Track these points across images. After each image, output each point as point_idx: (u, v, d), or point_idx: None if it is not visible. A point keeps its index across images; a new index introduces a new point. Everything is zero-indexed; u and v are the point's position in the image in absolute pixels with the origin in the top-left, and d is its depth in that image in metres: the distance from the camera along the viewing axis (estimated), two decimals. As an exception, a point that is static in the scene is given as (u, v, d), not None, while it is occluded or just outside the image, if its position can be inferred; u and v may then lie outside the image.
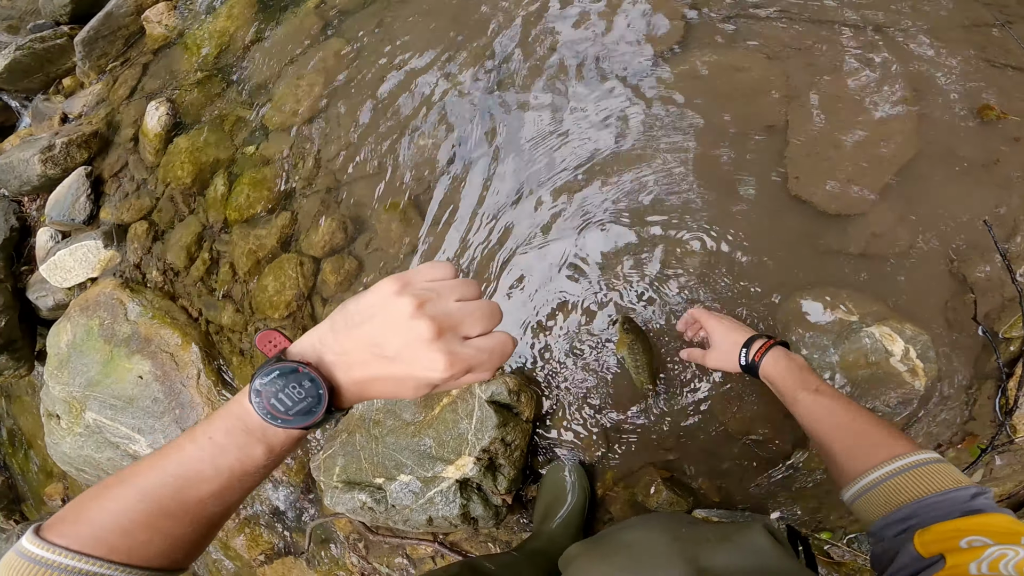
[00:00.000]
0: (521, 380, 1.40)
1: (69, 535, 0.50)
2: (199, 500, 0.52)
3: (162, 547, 0.52)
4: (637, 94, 1.54)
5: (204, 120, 2.15)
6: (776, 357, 0.98)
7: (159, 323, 1.87)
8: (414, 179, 1.69)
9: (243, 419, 0.52)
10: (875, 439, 0.80)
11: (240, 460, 0.53)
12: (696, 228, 1.39)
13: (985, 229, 1.26)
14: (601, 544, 0.82)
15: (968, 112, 1.36)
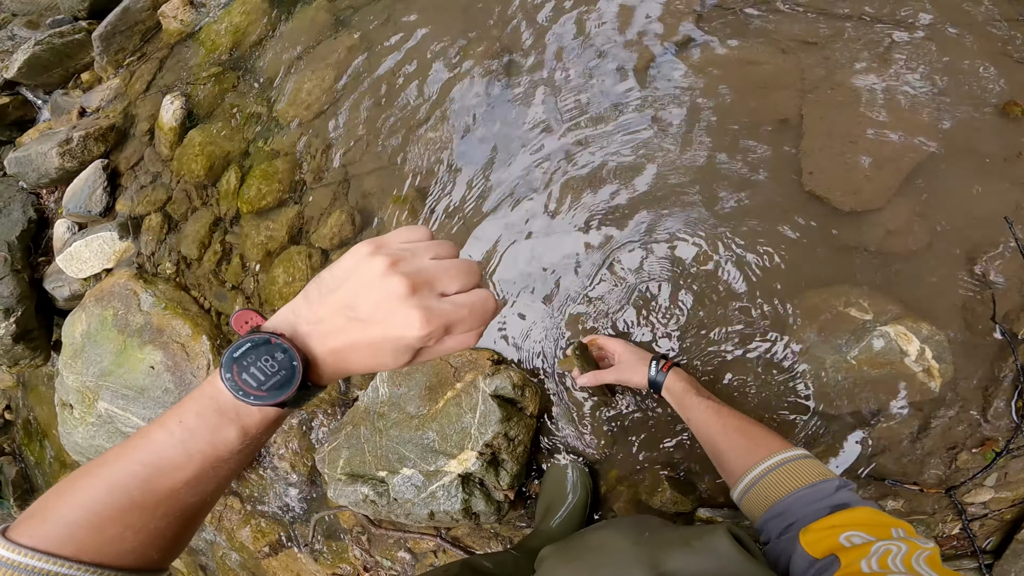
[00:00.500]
0: (526, 375, 1.39)
1: (36, 534, 0.46)
2: (171, 490, 0.49)
3: (134, 543, 0.49)
4: (648, 88, 1.52)
5: (217, 114, 2.17)
6: (677, 373, 1.13)
7: (171, 314, 1.89)
8: (422, 172, 1.68)
9: (215, 399, 0.49)
10: (755, 440, 0.90)
11: (212, 444, 0.49)
12: (708, 224, 1.37)
13: (1006, 226, 1.22)
14: (570, 546, 0.83)
15: (989, 108, 1.32)
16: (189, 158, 2.10)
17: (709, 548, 0.70)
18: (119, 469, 0.49)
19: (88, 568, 0.46)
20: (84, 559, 0.46)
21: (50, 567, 0.45)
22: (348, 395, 1.64)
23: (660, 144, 1.46)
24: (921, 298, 1.22)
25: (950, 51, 1.38)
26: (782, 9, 1.51)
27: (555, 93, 1.60)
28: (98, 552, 0.47)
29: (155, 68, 2.49)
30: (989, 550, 1.27)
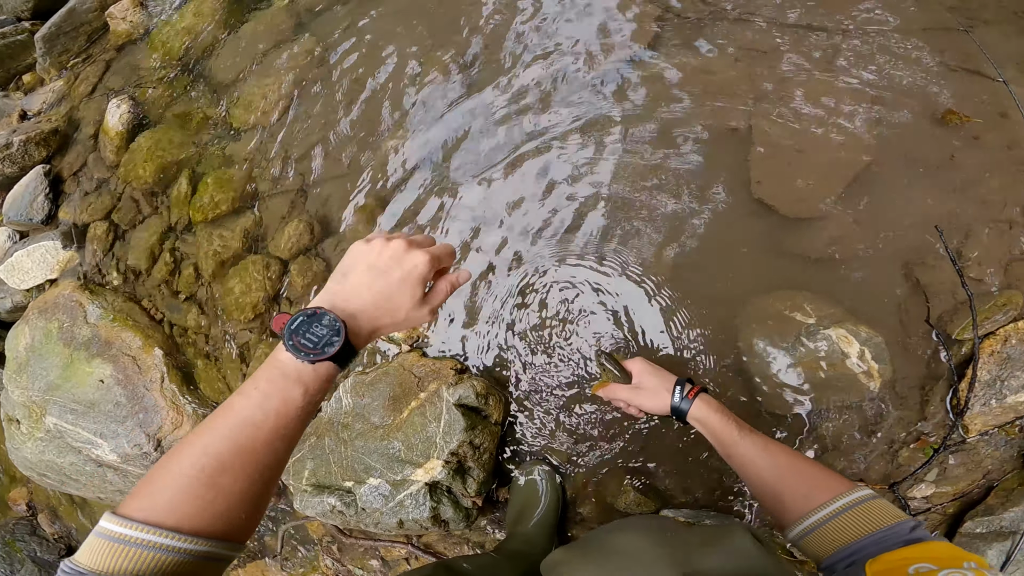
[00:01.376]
0: (489, 383, 1.40)
1: (145, 507, 0.54)
2: (252, 450, 0.58)
3: (224, 506, 0.56)
4: (606, 97, 1.55)
5: (168, 118, 2.11)
6: (707, 401, 1.01)
7: (120, 326, 1.82)
8: (383, 180, 1.67)
9: (281, 366, 0.62)
10: (814, 480, 0.83)
11: (284, 402, 0.60)
12: (660, 231, 1.40)
13: (936, 232, 1.30)
14: (588, 550, 0.82)
15: (928, 116, 1.40)
16: (137, 164, 2.03)
17: (733, 547, 0.72)
18: (208, 437, 0.58)
19: (187, 538, 0.54)
20: (184, 528, 0.54)
21: (158, 539, 0.53)
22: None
23: (615, 152, 1.49)
24: (860, 302, 1.28)
25: (892, 60, 1.46)
26: (736, 19, 1.57)
27: (515, 100, 1.62)
28: (195, 518, 0.55)
29: (101, 70, 2.40)
30: None
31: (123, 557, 0.52)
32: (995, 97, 1.39)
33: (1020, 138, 1.35)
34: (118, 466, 1.76)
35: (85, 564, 0.52)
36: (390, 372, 1.44)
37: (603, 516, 1.40)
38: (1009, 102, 1.37)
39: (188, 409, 1.72)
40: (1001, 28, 1.52)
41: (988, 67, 1.42)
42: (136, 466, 1.73)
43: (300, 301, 1.66)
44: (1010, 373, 1.22)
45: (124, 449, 1.71)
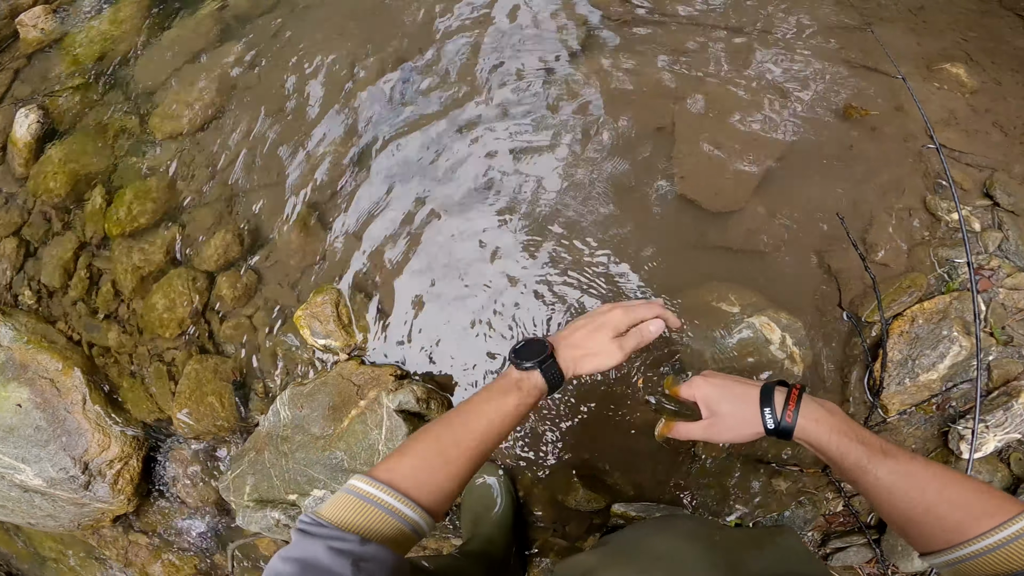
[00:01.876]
0: (431, 388, 1.40)
1: (395, 474, 0.68)
2: (467, 444, 0.72)
3: (441, 479, 0.70)
4: (536, 101, 1.58)
5: (81, 128, 2.00)
6: (815, 412, 0.78)
7: (35, 348, 1.71)
8: (314, 189, 1.64)
9: (505, 377, 0.80)
10: (970, 508, 0.69)
11: (498, 405, 0.76)
12: (592, 228, 1.44)
13: (849, 218, 1.38)
14: (626, 555, 0.78)
15: (831, 111, 1.50)
16: (47, 176, 1.91)
17: (782, 548, 0.70)
18: (442, 425, 0.74)
19: (412, 505, 0.66)
20: (411, 494, 0.67)
21: (397, 504, 0.66)
22: (248, 421, 1.56)
23: (549, 153, 1.52)
24: (780, 290, 1.36)
25: (800, 59, 1.56)
26: (658, 22, 1.64)
27: (450, 104, 1.63)
28: (420, 487, 0.68)
29: (9, 79, 2.26)
30: (873, 525, 1.32)
31: (365, 515, 0.64)
32: (892, 92, 1.51)
33: (915, 131, 1.47)
34: (45, 491, 1.66)
35: (327, 517, 0.63)
36: (328, 382, 1.41)
37: (556, 515, 1.41)
38: (905, 96, 1.48)
39: (115, 430, 1.63)
40: (898, 25, 1.66)
41: (886, 63, 1.53)
42: (65, 490, 1.63)
43: (230, 315, 1.60)
44: (920, 352, 1.29)
45: (49, 473, 1.62)
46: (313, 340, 1.46)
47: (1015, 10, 1.75)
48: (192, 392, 1.55)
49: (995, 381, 1.30)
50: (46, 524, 1.77)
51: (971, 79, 1.57)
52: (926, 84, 1.55)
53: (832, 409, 0.79)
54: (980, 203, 1.42)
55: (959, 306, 1.31)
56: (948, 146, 1.45)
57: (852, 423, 0.78)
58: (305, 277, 1.57)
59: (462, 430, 0.73)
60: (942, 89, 1.55)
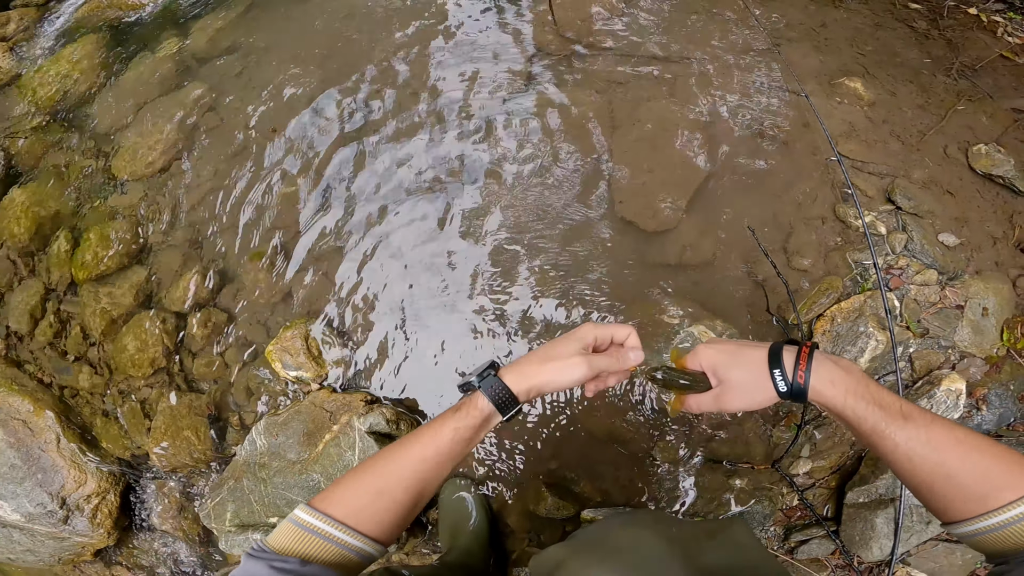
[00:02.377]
0: (399, 410, 1.48)
1: (331, 502, 0.69)
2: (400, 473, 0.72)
3: (385, 514, 0.70)
4: (482, 134, 1.69)
5: (42, 170, 2.01)
6: (829, 372, 0.73)
7: (6, 391, 1.74)
8: (279, 227, 1.71)
9: (454, 406, 0.77)
10: (996, 477, 0.66)
11: (433, 432, 0.74)
12: (539, 253, 1.55)
13: (771, 229, 1.51)
14: (592, 547, 0.79)
15: (747, 129, 1.62)
16: (11, 220, 1.92)
17: (733, 540, 0.74)
18: (380, 455, 0.74)
19: (349, 532, 0.68)
20: (348, 522, 0.68)
21: (342, 535, 0.67)
22: (225, 452, 1.62)
23: (497, 186, 1.63)
24: (714, 299, 1.48)
25: (722, 83, 1.68)
26: (597, 53, 1.76)
27: (404, 137, 1.72)
28: (357, 515, 0.69)
29: (-32, 119, 2.23)
30: (830, 517, 1.36)
31: (306, 543, 0.66)
32: (800, 109, 1.65)
33: (821, 145, 1.61)
34: (24, 526, 1.69)
35: (272, 545, 0.67)
36: (302, 410, 1.49)
37: (529, 524, 1.45)
38: (811, 114, 1.61)
39: (91, 467, 1.67)
40: (803, 44, 1.79)
41: (792, 82, 1.67)
42: (44, 525, 1.66)
43: (201, 353, 1.66)
44: (842, 348, 1.38)
45: (27, 509, 1.65)
46: (285, 372, 1.53)
47: (907, 22, 1.90)
48: (168, 427, 1.60)
49: (918, 371, 1.39)
50: (26, 559, 1.78)
51: (868, 92, 1.70)
52: (828, 100, 1.69)
53: (848, 368, 0.73)
54: (884, 208, 1.54)
55: (873, 304, 1.41)
56: (850, 157, 1.59)
57: (869, 383, 0.72)
58: (275, 314, 1.63)
59: (396, 459, 0.73)
60: (843, 103, 1.68)
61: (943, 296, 1.47)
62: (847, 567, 1.34)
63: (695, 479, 1.39)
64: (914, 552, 1.34)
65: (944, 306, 1.46)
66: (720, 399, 0.80)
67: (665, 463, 1.41)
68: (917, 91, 1.74)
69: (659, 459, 1.41)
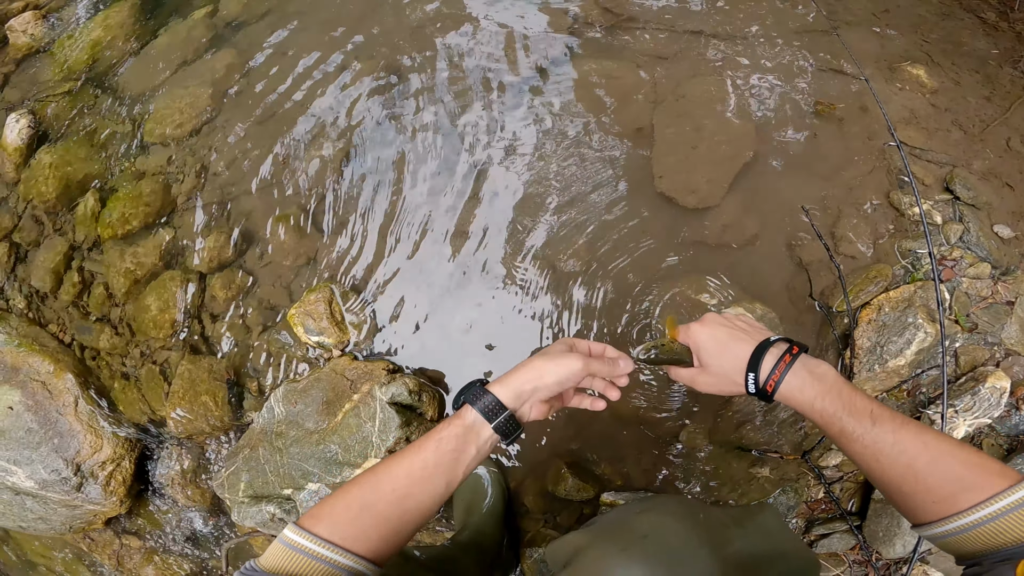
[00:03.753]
0: (422, 380, 1.44)
1: (317, 520, 0.69)
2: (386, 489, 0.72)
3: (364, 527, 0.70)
4: (522, 104, 1.64)
5: (72, 133, 2.01)
6: (801, 380, 0.77)
7: (27, 351, 1.73)
8: (307, 191, 1.69)
9: (446, 420, 0.78)
10: (962, 480, 0.67)
11: (418, 446, 0.75)
12: (575, 226, 1.50)
13: (817, 213, 1.45)
14: (614, 534, 0.75)
15: (800, 111, 1.56)
16: (38, 181, 1.92)
17: (762, 527, 0.71)
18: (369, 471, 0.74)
19: (336, 550, 0.67)
20: (334, 540, 0.67)
21: (327, 553, 0.67)
22: (242, 419, 1.59)
23: (534, 154, 1.58)
24: (753, 281, 1.42)
25: (772, 62, 1.63)
26: (640, 27, 1.70)
27: (438, 107, 1.68)
28: (343, 532, 0.68)
29: (-2, 85, 2.27)
30: (854, 511, 1.35)
31: (295, 562, 0.66)
32: (856, 93, 1.59)
33: (878, 129, 1.54)
34: (37, 493, 1.67)
35: (263, 566, 0.67)
36: (322, 378, 1.45)
37: (546, 505, 1.43)
38: (868, 97, 1.55)
39: (107, 431, 1.65)
40: (862, 29, 1.73)
41: (851, 65, 1.60)
42: (57, 492, 1.64)
43: (223, 316, 1.63)
44: (887, 339, 1.33)
45: (41, 475, 1.63)
46: (307, 337, 1.50)
47: (975, 12, 1.84)
48: (186, 392, 1.57)
49: (962, 367, 1.34)
50: (37, 527, 1.77)
51: (931, 79, 1.65)
52: (888, 85, 1.63)
53: (822, 375, 0.77)
54: (941, 197, 1.48)
55: (923, 295, 1.36)
56: (909, 144, 1.53)
57: (843, 387, 0.76)
58: (298, 277, 1.60)
59: (380, 473, 0.73)
60: (903, 89, 1.63)
61: (994, 291, 1.41)
62: (865, 563, 1.32)
63: (719, 466, 1.36)
64: (935, 551, 1.31)
65: (995, 301, 1.40)
66: (695, 379, 0.87)
67: (690, 448, 1.37)
68: (982, 81, 1.68)
69: (684, 444, 1.37)
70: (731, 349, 0.82)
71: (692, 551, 0.67)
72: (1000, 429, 1.34)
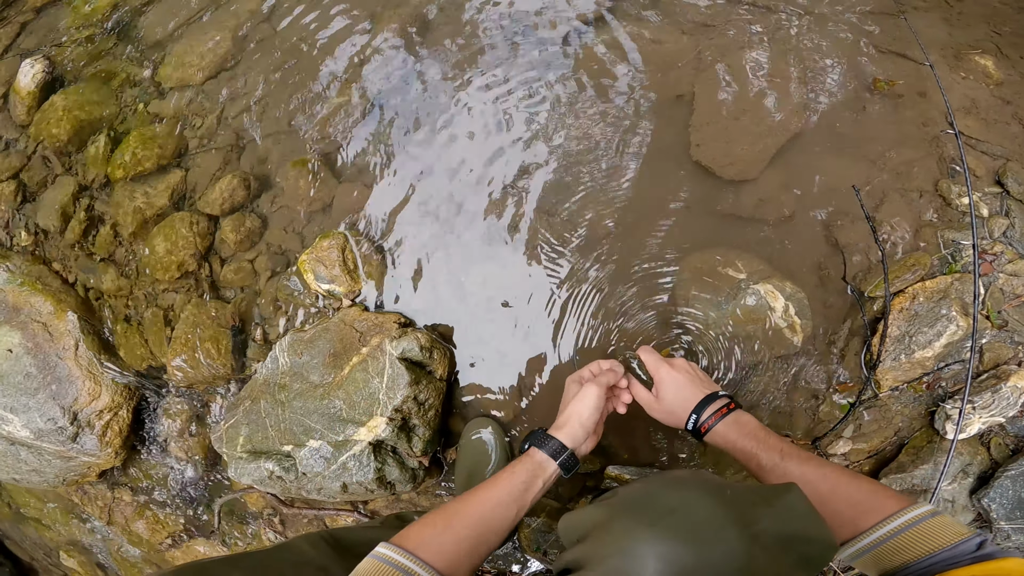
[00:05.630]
0: (434, 336, 1.39)
1: (430, 551, 0.80)
2: (467, 511, 0.88)
3: (445, 543, 0.82)
4: (557, 61, 1.58)
5: (88, 78, 1.97)
6: (728, 428, 0.97)
7: (29, 290, 1.68)
8: (326, 138, 1.63)
9: (519, 459, 0.98)
10: (861, 505, 0.80)
11: (495, 476, 0.93)
12: (605, 188, 1.45)
13: (854, 196, 1.39)
14: (638, 508, 0.73)
15: (852, 91, 1.50)
16: (50, 123, 1.88)
17: (789, 507, 0.69)
18: (458, 501, 0.89)
19: (426, 567, 0.77)
20: (429, 561, 0.78)
21: (424, 572, 0.77)
22: (244, 370, 1.54)
23: (564, 115, 1.52)
24: (786, 259, 1.36)
25: (829, 39, 1.56)
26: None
27: (470, 65, 1.62)
28: (437, 555, 0.79)
29: (15, 32, 2.23)
30: None
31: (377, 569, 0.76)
32: (917, 78, 1.52)
33: (935, 116, 1.48)
34: (32, 443, 1.63)
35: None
36: (330, 328, 1.40)
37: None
38: (928, 84, 1.50)
39: (106, 378, 1.60)
40: (932, 15, 1.66)
41: (914, 50, 1.54)
42: (52, 442, 1.60)
43: (231, 259, 1.59)
44: (917, 329, 1.30)
45: (37, 424, 1.58)
46: (317, 285, 1.44)
47: None
48: (188, 338, 1.53)
49: (985, 364, 1.33)
50: (31, 480, 1.73)
51: (998, 71, 1.58)
52: (952, 73, 1.56)
53: (744, 423, 0.97)
54: (990, 190, 1.43)
55: (960, 287, 1.33)
56: (966, 133, 1.47)
57: (758, 432, 0.95)
58: (311, 223, 1.55)
59: (467, 500, 0.88)
60: (967, 79, 1.56)
61: (1029, 289, 1.37)
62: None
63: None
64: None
65: (1027, 300, 1.36)
66: (649, 406, 1.08)
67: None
68: (1051, 79, 1.61)
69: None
70: (684, 392, 1.03)
71: (721, 530, 0.65)
72: (1010, 429, 1.33)
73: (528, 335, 1.40)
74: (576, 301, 1.40)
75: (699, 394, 1.02)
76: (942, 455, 1.27)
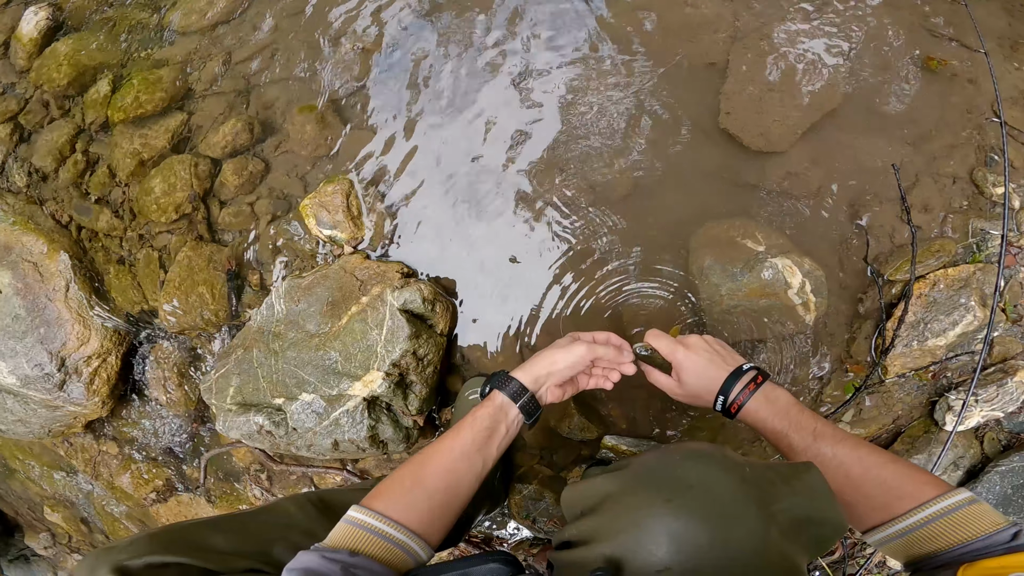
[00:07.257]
0: (437, 290, 1.34)
1: (374, 497, 0.80)
2: (431, 460, 0.85)
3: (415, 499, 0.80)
4: (586, 18, 1.52)
5: (92, 25, 1.93)
6: (759, 405, 0.91)
7: (21, 229, 1.63)
8: (334, 85, 1.58)
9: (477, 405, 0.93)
10: (897, 489, 0.77)
11: (456, 425, 0.89)
12: (626, 151, 1.40)
13: (887, 179, 1.35)
14: (653, 481, 0.70)
15: (898, 72, 1.46)
16: (51, 68, 1.84)
17: (808, 487, 0.68)
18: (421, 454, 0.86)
19: (399, 527, 0.76)
20: (401, 520, 0.76)
21: (397, 534, 0.75)
22: (239, 317, 1.48)
23: (585, 73, 1.47)
24: (806, 236, 1.32)
25: (878, 17, 1.51)
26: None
27: (490, 17, 1.56)
28: (394, 505, 0.78)
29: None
30: None
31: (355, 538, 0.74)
32: (967, 66, 1.48)
33: (980, 104, 1.43)
34: (18, 391, 1.58)
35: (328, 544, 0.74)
36: (330, 275, 1.34)
37: (545, 441, 1.37)
38: (979, 71, 1.46)
39: (96, 322, 1.55)
40: (993, 4, 1.61)
41: (970, 37, 1.49)
42: (38, 390, 1.54)
43: (231, 202, 1.54)
44: (933, 316, 1.29)
45: (24, 370, 1.53)
46: (318, 230, 1.39)
47: None
48: (182, 281, 1.47)
49: (994, 357, 1.33)
50: (16, 431, 1.67)
51: None
52: (1005, 63, 1.52)
53: (775, 399, 0.91)
54: None
55: (981, 277, 1.31)
56: (1011, 124, 1.43)
57: (790, 409, 0.89)
58: (315, 168, 1.50)
59: (430, 453, 0.85)
60: (1020, 70, 1.52)
61: (1048, 286, 1.36)
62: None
63: (730, 425, 1.32)
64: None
65: (1045, 296, 1.35)
66: (672, 391, 1.02)
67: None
68: (1105, 75, 1.56)
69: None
70: (708, 373, 0.96)
71: (741, 508, 0.62)
72: (1006, 424, 1.34)
73: (533, 294, 1.35)
74: (586, 262, 1.35)
75: (723, 372, 0.95)
76: (938, 446, 1.26)
